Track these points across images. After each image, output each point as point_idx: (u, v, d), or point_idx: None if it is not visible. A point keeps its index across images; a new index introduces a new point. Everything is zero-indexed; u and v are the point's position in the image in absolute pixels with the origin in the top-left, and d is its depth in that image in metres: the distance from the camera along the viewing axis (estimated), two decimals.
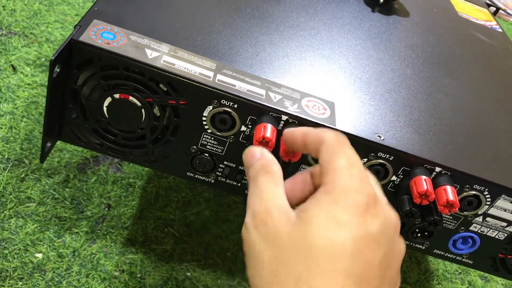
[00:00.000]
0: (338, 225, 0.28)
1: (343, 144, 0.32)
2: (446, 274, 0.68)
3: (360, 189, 0.29)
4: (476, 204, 0.43)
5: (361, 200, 0.29)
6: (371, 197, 0.29)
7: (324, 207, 0.29)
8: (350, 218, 0.28)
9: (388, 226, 0.30)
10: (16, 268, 0.51)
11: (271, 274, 0.29)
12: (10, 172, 0.58)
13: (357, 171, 0.30)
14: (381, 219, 0.29)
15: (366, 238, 0.28)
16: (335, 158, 0.31)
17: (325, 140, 0.32)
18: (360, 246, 0.28)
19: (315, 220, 0.29)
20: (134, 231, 0.58)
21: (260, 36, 0.46)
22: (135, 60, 0.37)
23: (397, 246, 0.31)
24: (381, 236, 0.29)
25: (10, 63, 0.70)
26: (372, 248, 0.28)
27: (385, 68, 0.50)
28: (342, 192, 0.29)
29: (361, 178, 0.30)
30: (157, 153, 0.42)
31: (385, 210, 0.30)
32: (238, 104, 0.39)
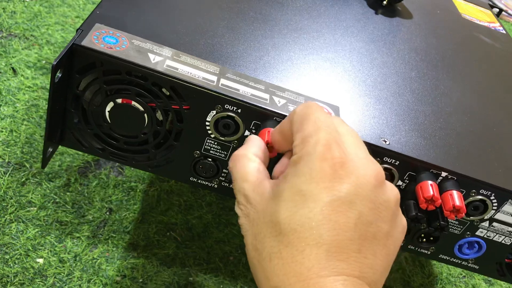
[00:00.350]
0: (302, 196, 0.28)
1: (312, 110, 0.31)
2: (450, 278, 0.68)
3: (323, 154, 0.29)
4: (482, 209, 0.42)
5: (324, 166, 0.28)
6: (337, 161, 0.29)
7: (290, 181, 0.29)
8: (314, 187, 0.28)
9: (362, 184, 0.29)
10: (17, 273, 0.51)
11: (253, 249, 0.30)
12: (10, 176, 0.58)
13: (323, 135, 0.30)
14: (350, 180, 0.29)
15: (333, 204, 0.28)
16: (303, 126, 0.31)
17: (295, 111, 0.32)
18: (327, 214, 0.28)
19: (282, 195, 0.29)
20: (136, 236, 0.58)
21: (263, 40, 0.46)
22: (138, 65, 0.36)
23: (381, 197, 0.30)
24: (353, 197, 0.28)
25: (11, 66, 0.70)
26: (342, 213, 0.28)
27: (390, 71, 0.49)
28: (305, 162, 0.29)
29: (326, 141, 0.29)
30: (159, 158, 0.42)
31: (357, 169, 0.29)
32: (242, 108, 0.38)
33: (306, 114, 0.31)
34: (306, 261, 0.27)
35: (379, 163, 0.40)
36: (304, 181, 0.29)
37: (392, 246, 0.30)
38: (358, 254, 0.28)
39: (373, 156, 0.39)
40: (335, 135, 0.30)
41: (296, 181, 0.29)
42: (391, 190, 0.31)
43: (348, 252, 0.28)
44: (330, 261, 0.27)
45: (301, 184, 0.29)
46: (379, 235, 0.29)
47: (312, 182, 0.28)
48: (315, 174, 0.28)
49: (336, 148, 0.29)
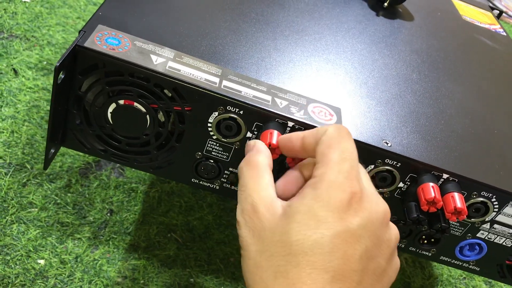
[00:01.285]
0: (317, 222, 0.29)
1: (342, 138, 0.32)
2: (451, 279, 0.68)
3: (344, 185, 0.30)
4: (483, 211, 0.42)
5: (343, 197, 0.29)
6: (355, 195, 0.30)
7: (306, 203, 0.30)
8: (329, 215, 0.29)
9: (372, 220, 0.30)
10: (19, 274, 0.51)
11: (254, 265, 0.30)
12: (12, 177, 0.58)
13: (347, 167, 0.30)
14: (363, 216, 0.30)
15: (344, 234, 0.29)
16: (329, 152, 0.31)
17: (325, 131, 0.32)
18: (337, 243, 0.29)
19: (297, 216, 0.30)
20: (137, 237, 0.58)
21: (265, 41, 0.46)
22: (140, 66, 0.36)
23: (384, 236, 0.31)
24: (362, 232, 0.29)
25: (12, 67, 0.70)
26: (350, 244, 0.29)
27: (391, 73, 0.49)
28: (325, 188, 0.30)
29: (348, 173, 0.30)
30: (161, 160, 0.42)
31: (370, 205, 0.30)
32: (244, 110, 0.38)
33: (336, 140, 0.32)
34: (311, 283, 0.28)
35: (380, 165, 0.40)
36: (321, 207, 0.29)
37: (386, 283, 0.32)
38: (358, 286, 0.29)
39: (375, 158, 0.40)
40: (357, 169, 0.31)
41: (313, 205, 0.30)
42: (393, 230, 0.33)
43: (350, 282, 0.29)
44: (333, 287, 0.28)
45: (318, 209, 0.29)
46: (378, 271, 0.31)
47: (329, 210, 0.29)
48: (333, 202, 0.29)
49: (356, 182, 0.30)
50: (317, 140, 0.32)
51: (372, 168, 0.40)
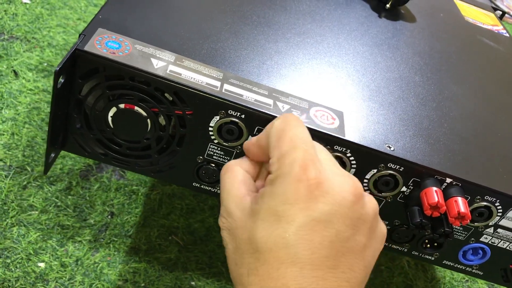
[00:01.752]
0: (277, 217, 0.29)
1: (289, 126, 0.32)
2: (453, 282, 0.67)
3: (299, 175, 0.29)
4: (487, 215, 0.42)
5: (300, 188, 0.29)
6: (312, 182, 0.29)
7: (266, 201, 0.30)
8: (288, 208, 0.29)
9: (339, 202, 0.29)
10: (19, 278, 0.50)
11: (233, 263, 0.31)
12: (12, 180, 0.58)
13: (299, 154, 0.30)
14: (326, 200, 0.29)
15: (308, 225, 0.29)
16: (279, 144, 0.31)
17: (273, 125, 0.32)
18: (302, 234, 0.29)
19: (260, 214, 0.30)
20: (138, 239, 0.58)
21: (266, 44, 0.45)
22: (141, 70, 0.36)
23: (358, 213, 0.30)
24: (329, 216, 0.29)
25: (12, 68, 0.70)
26: (318, 232, 0.29)
27: (393, 75, 0.49)
28: (280, 183, 0.30)
29: (302, 161, 0.30)
30: (162, 163, 0.42)
31: (332, 188, 0.30)
32: (246, 114, 0.38)
33: (283, 130, 0.32)
34: (282, 278, 0.28)
35: (383, 169, 0.40)
36: (279, 202, 0.29)
37: (369, 257, 0.31)
38: (335, 270, 0.29)
39: (378, 162, 0.40)
40: (312, 153, 0.30)
41: (271, 202, 0.30)
42: (369, 202, 0.32)
43: (323, 268, 0.28)
44: (305, 277, 0.28)
45: (276, 205, 0.29)
46: (356, 248, 0.30)
47: (286, 204, 0.29)
48: (290, 195, 0.29)
49: (312, 168, 0.30)
50: (268, 136, 0.32)
51: (375, 172, 0.40)
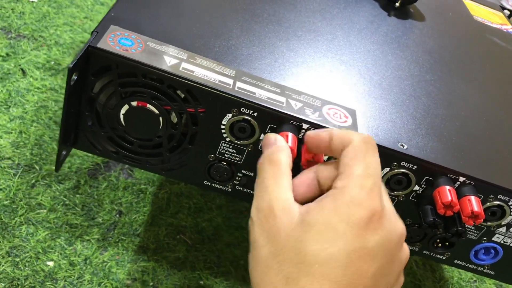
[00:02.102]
0: (335, 235, 0.29)
1: (368, 151, 0.31)
2: (461, 282, 0.67)
3: (366, 203, 0.29)
4: (500, 214, 0.42)
5: (363, 214, 0.29)
6: (375, 213, 0.30)
7: (326, 214, 0.30)
8: (348, 231, 0.29)
9: (390, 240, 0.30)
10: (28, 276, 0.50)
11: (265, 267, 0.30)
12: (20, 178, 0.58)
13: (370, 183, 0.30)
14: (382, 234, 0.30)
15: (361, 252, 0.29)
16: (354, 164, 0.31)
17: (352, 141, 0.32)
18: (353, 259, 0.29)
19: (315, 226, 0.29)
20: (146, 238, 0.58)
21: (278, 42, 0.45)
22: (154, 67, 0.36)
23: (398, 256, 0.31)
24: (379, 250, 0.30)
25: (20, 67, 0.70)
26: (366, 261, 0.29)
27: (404, 74, 0.49)
28: (347, 203, 0.30)
29: (371, 191, 0.30)
30: (173, 162, 0.41)
31: (389, 225, 0.30)
32: (258, 112, 0.38)
33: (361, 153, 0.31)
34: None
35: (396, 167, 0.40)
36: (341, 221, 0.29)
37: None
38: None
39: (391, 161, 0.39)
40: (379, 186, 0.31)
41: (333, 218, 0.29)
42: (406, 250, 0.33)
43: None
44: None
45: (337, 223, 0.29)
46: (389, 285, 0.31)
47: (348, 225, 0.29)
48: (353, 219, 0.29)
49: (378, 199, 0.30)
50: (344, 146, 0.32)
51: (388, 171, 0.40)
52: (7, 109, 0.64)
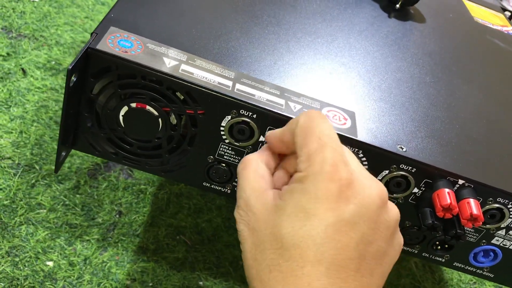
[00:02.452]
0: (307, 214, 0.29)
1: (314, 122, 0.31)
2: (461, 284, 0.67)
3: (331, 176, 0.29)
4: (499, 217, 0.42)
5: (331, 187, 0.29)
6: (343, 182, 0.29)
7: (295, 197, 0.29)
8: (319, 207, 0.28)
9: (367, 205, 0.29)
10: (27, 276, 0.50)
11: (251, 259, 0.30)
12: (20, 178, 0.58)
13: (329, 154, 0.29)
14: (356, 201, 0.29)
15: (338, 224, 0.28)
16: (307, 142, 0.31)
17: (298, 121, 0.32)
18: (330, 233, 0.28)
19: (286, 210, 0.29)
20: (146, 239, 0.58)
21: (277, 44, 0.45)
22: (153, 69, 0.36)
23: (382, 218, 0.30)
24: (357, 218, 0.29)
25: (20, 67, 0.70)
26: (345, 232, 0.28)
27: (404, 76, 0.49)
28: (312, 181, 0.29)
29: (333, 161, 0.29)
30: (173, 163, 0.42)
31: (362, 189, 0.30)
32: (258, 114, 0.38)
33: (309, 128, 0.31)
34: (306, 276, 0.28)
35: (395, 170, 0.40)
36: (309, 200, 0.29)
37: (387, 265, 0.31)
38: (356, 273, 0.29)
39: (390, 163, 0.39)
40: (341, 152, 0.30)
41: (301, 199, 0.29)
42: (392, 210, 0.32)
43: (347, 271, 0.28)
44: (329, 278, 0.28)
45: (306, 202, 0.29)
46: (378, 254, 0.30)
47: (317, 202, 0.29)
48: (321, 194, 0.29)
49: (343, 168, 0.29)
50: (293, 133, 0.32)
51: (387, 173, 0.40)
52: (7, 108, 0.64)
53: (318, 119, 0.31)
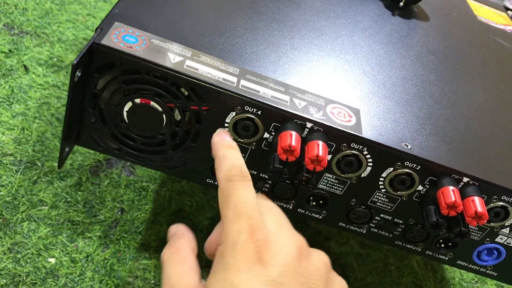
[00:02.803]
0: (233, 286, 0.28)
1: (232, 189, 0.32)
2: (463, 283, 0.67)
3: (247, 242, 0.29)
4: (503, 215, 0.41)
5: (250, 255, 0.29)
6: (261, 248, 0.29)
7: (220, 277, 0.29)
8: (244, 279, 0.28)
9: (288, 262, 0.30)
10: (29, 273, 0.50)
11: None
12: (22, 175, 0.58)
13: (245, 222, 0.30)
14: (277, 262, 0.29)
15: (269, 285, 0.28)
16: (224, 211, 0.32)
17: (218, 180, 0.34)
18: None
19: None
20: (148, 236, 0.57)
21: (282, 40, 0.45)
22: (158, 64, 0.36)
23: (309, 269, 0.31)
24: (282, 278, 0.29)
25: (22, 63, 0.70)
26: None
27: (408, 73, 0.49)
28: (231, 253, 0.30)
29: (248, 228, 0.30)
30: (176, 159, 0.41)
31: (280, 248, 0.30)
32: (262, 110, 0.38)
33: (226, 195, 0.32)
34: None
35: (400, 167, 0.39)
36: (234, 274, 0.29)
37: None
38: None
39: (395, 161, 0.39)
40: (257, 218, 0.31)
41: (227, 275, 0.29)
42: (318, 258, 0.32)
43: None
44: None
45: (232, 278, 0.29)
46: None
47: (241, 274, 0.29)
48: (242, 265, 0.29)
49: (258, 233, 0.30)
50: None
51: (391, 171, 0.40)
52: (9, 105, 0.64)
53: (236, 184, 0.32)
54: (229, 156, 0.35)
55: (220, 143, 0.36)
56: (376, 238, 0.45)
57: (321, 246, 0.61)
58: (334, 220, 0.44)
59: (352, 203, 0.42)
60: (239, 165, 0.34)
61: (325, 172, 0.40)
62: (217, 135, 0.38)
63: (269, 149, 0.40)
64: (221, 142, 0.37)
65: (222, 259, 0.30)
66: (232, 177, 0.33)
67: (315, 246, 0.35)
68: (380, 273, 0.64)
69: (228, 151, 0.35)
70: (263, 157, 0.40)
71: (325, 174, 0.41)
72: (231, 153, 0.35)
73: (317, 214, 0.43)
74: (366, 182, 0.40)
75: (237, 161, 0.35)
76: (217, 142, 0.37)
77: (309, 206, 0.43)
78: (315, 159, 0.36)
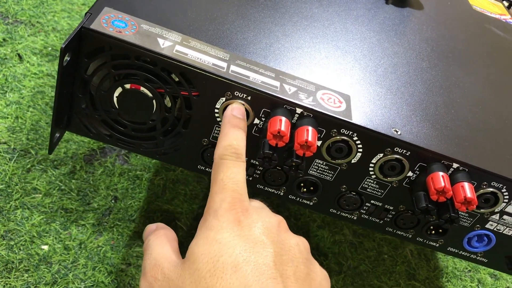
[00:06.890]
0: (220, 245, 0.30)
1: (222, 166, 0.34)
2: (456, 272, 0.67)
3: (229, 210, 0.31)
4: (493, 201, 0.42)
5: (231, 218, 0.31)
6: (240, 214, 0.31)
7: (202, 236, 0.31)
8: (227, 237, 0.30)
9: (268, 227, 0.32)
10: (22, 259, 0.50)
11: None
12: (16, 163, 0.58)
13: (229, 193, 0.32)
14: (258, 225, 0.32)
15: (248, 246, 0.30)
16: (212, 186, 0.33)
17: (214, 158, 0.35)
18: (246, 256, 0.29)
19: (198, 250, 0.31)
20: (141, 224, 0.58)
21: (273, 27, 0.45)
22: (147, 49, 0.36)
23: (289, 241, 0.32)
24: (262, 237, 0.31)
25: (17, 52, 0.70)
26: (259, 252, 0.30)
27: (400, 61, 0.49)
28: (213, 217, 0.31)
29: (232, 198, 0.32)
30: (167, 146, 0.41)
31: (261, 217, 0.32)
32: (252, 96, 0.38)
33: (216, 172, 0.34)
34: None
35: (389, 153, 0.40)
36: (217, 232, 0.31)
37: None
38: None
39: (385, 147, 0.39)
40: (241, 193, 0.33)
41: (209, 234, 0.31)
42: (299, 238, 0.34)
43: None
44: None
45: (215, 235, 0.30)
46: (301, 275, 0.31)
47: (224, 232, 0.30)
48: (225, 225, 0.31)
49: (240, 204, 0.32)
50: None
51: (381, 157, 0.40)
52: (3, 94, 0.64)
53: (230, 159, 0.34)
54: (229, 136, 0.35)
55: (228, 120, 0.36)
56: (367, 225, 0.45)
57: (314, 234, 0.62)
58: (325, 207, 0.44)
59: (343, 189, 0.42)
60: (236, 145, 0.35)
61: (315, 158, 0.40)
62: (230, 109, 0.37)
63: (259, 135, 0.40)
64: (229, 119, 0.36)
65: (205, 223, 0.32)
66: (225, 156, 0.34)
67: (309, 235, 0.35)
68: (374, 262, 0.64)
69: (231, 130, 0.36)
70: (254, 143, 0.40)
71: (315, 160, 0.41)
72: (233, 133, 0.35)
73: (308, 201, 0.43)
74: (356, 168, 0.40)
75: (236, 142, 0.35)
76: (226, 117, 0.37)
77: (300, 192, 0.43)
78: (304, 144, 0.36)
